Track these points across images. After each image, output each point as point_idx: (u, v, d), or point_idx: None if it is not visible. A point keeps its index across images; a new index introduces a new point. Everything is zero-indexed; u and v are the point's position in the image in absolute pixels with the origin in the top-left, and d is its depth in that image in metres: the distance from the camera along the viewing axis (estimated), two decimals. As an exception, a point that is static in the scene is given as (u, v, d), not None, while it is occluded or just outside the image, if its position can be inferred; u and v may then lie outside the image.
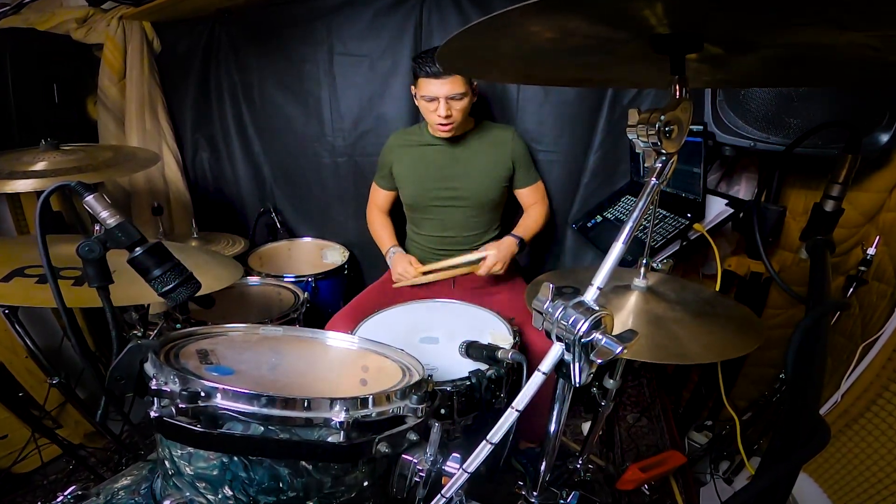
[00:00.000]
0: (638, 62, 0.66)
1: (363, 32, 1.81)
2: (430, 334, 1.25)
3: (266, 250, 2.02)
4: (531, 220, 1.67)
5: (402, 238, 1.83)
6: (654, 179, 0.57)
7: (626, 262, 1.17)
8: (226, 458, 0.64)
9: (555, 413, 0.78)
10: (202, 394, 0.61)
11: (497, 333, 1.23)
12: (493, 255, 1.50)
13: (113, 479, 0.75)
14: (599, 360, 0.52)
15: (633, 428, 1.80)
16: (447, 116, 1.45)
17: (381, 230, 1.79)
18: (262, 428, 0.63)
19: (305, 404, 0.63)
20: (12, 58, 1.70)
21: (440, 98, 1.42)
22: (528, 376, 0.55)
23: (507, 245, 1.55)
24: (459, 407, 1.03)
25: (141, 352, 0.66)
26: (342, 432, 0.63)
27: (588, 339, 0.51)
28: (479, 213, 1.63)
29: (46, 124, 1.84)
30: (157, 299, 0.75)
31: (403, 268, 1.59)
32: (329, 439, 0.64)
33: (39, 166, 1.24)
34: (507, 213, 1.73)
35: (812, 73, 0.72)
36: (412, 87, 1.52)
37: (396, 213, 1.99)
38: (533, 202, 1.69)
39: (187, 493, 0.66)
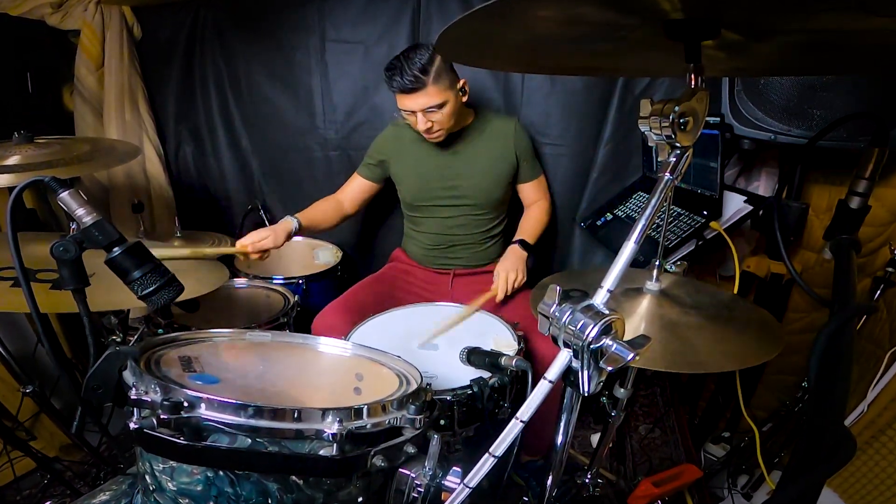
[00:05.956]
0: (650, 50, 0.66)
1: (357, 17, 1.81)
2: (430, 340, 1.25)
3: (254, 250, 2.02)
4: (533, 220, 1.67)
5: (400, 235, 1.83)
6: (667, 174, 0.57)
7: (637, 263, 1.17)
8: (211, 472, 0.64)
9: (562, 424, 0.78)
10: (185, 404, 0.61)
11: (500, 339, 1.23)
12: (502, 276, 1.47)
13: (90, 495, 0.75)
14: (609, 368, 0.52)
15: (646, 440, 1.80)
16: (428, 129, 1.46)
17: (314, 205, 1.68)
18: (250, 440, 0.63)
19: (295, 415, 0.63)
20: (-18, 45, 1.70)
21: (416, 112, 1.42)
22: (534, 385, 0.55)
23: (513, 253, 1.55)
24: (460, 417, 1.03)
25: (120, 359, 0.66)
26: (335, 445, 0.63)
27: (597, 345, 0.51)
28: (483, 211, 1.64)
29: (20, 116, 1.84)
30: (137, 303, 0.75)
31: (260, 234, 1.49)
32: (321, 452, 0.64)
33: (12, 160, 1.24)
34: (512, 205, 1.73)
35: (835, 61, 0.72)
36: None
37: (387, 212, 2.00)
38: (535, 199, 1.70)
39: (169, 510, 0.66)
